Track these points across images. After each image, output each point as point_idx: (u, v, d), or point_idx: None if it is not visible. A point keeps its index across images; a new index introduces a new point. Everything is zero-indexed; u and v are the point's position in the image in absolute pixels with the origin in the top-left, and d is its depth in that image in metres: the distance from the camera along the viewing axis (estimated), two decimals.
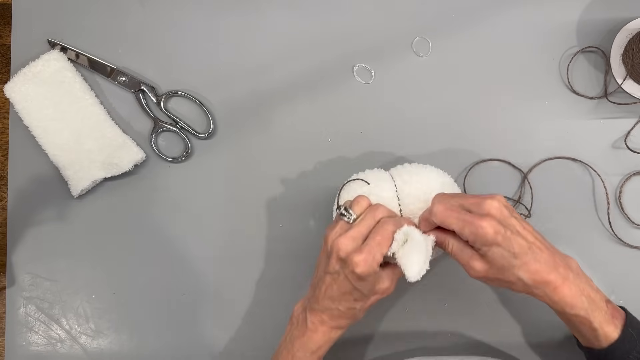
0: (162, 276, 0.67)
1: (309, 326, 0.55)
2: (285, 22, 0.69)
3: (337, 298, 0.53)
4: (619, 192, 0.66)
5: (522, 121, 0.67)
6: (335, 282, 0.52)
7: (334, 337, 0.56)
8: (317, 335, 0.55)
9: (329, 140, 0.68)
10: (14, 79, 0.67)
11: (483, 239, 0.48)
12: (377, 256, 0.50)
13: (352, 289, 0.52)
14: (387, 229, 0.51)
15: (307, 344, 0.55)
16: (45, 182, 0.68)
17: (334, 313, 0.54)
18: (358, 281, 0.51)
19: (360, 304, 0.54)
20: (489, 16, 0.68)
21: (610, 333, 0.51)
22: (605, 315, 0.51)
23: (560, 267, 0.50)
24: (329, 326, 0.55)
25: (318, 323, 0.55)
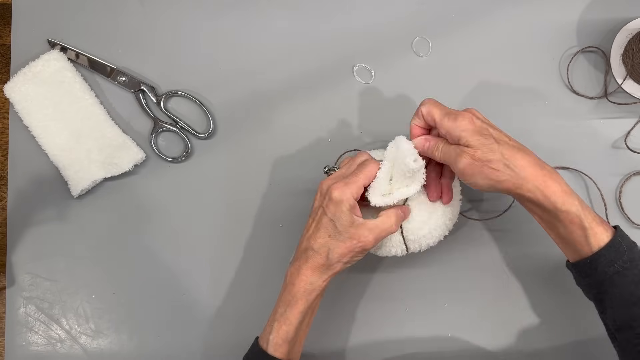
0: (162, 276, 0.67)
1: (288, 279, 0.55)
2: (285, 22, 0.69)
3: (313, 235, 0.54)
4: (619, 192, 0.66)
5: (522, 121, 0.67)
6: (314, 219, 0.55)
7: (311, 288, 0.54)
8: (294, 287, 0.54)
9: (329, 140, 0.68)
10: (14, 79, 0.67)
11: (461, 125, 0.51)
12: (351, 186, 0.52)
13: (327, 222, 0.53)
14: (368, 169, 0.54)
15: (285, 297, 0.55)
16: (45, 182, 0.68)
17: (309, 254, 0.54)
18: (334, 208, 0.52)
19: (334, 244, 0.53)
20: (489, 16, 0.68)
21: (600, 234, 0.50)
22: (596, 217, 0.51)
23: (546, 165, 0.52)
24: (304, 273, 0.54)
25: (295, 272, 0.55)
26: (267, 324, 0.56)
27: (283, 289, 0.56)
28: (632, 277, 0.49)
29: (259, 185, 0.68)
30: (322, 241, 0.53)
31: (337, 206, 0.52)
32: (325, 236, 0.53)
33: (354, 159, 0.56)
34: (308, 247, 0.54)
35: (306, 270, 0.54)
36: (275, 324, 0.54)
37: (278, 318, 0.54)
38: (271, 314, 0.56)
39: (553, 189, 0.50)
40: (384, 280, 0.66)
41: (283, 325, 0.54)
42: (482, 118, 0.53)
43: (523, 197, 0.51)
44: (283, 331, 0.54)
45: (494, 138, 0.51)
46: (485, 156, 0.50)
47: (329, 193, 0.53)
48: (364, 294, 0.66)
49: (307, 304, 0.54)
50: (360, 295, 0.66)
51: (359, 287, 0.66)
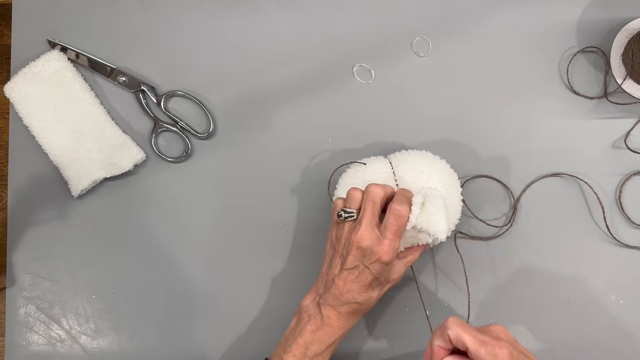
0: (162, 276, 0.67)
1: (326, 321, 0.55)
2: (285, 22, 0.69)
3: (357, 291, 0.54)
4: (619, 192, 0.66)
5: (522, 121, 0.67)
6: (355, 277, 0.54)
7: (349, 329, 0.56)
8: (334, 329, 0.55)
9: (329, 140, 0.68)
10: (14, 79, 0.67)
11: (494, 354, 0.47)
12: (396, 245, 0.52)
13: (372, 280, 0.53)
14: (400, 214, 0.53)
15: (322, 337, 0.55)
16: (45, 182, 0.68)
17: (353, 307, 0.55)
18: (382, 269, 0.52)
19: (377, 293, 0.55)
20: (489, 16, 0.68)
21: None
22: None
23: None
24: (347, 319, 0.55)
25: (335, 317, 0.55)
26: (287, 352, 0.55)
27: (316, 326, 0.55)
28: None
29: (259, 185, 0.68)
30: (367, 295, 0.55)
31: (385, 267, 0.53)
32: (370, 290, 0.54)
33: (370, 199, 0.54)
34: (352, 301, 0.54)
35: (349, 317, 0.55)
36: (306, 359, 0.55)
37: (311, 356, 0.54)
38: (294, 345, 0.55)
39: None
40: None
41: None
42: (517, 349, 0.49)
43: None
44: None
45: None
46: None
47: (377, 255, 0.52)
48: None
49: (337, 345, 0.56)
50: None
51: None
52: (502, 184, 0.66)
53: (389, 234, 0.53)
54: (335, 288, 0.55)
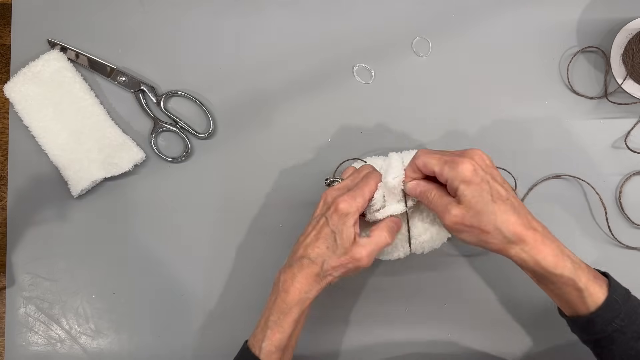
0: (162, 276, 0.67)
1: (281, 286, 0.54)
2: (285, 22, 0.69)
3: (311, 244, 0.53)
4: (619, 192, 0.66)
5: (522, 121, 0.67)
6: (314, 227, 0.54)
7: (306, 297, 0.53)
8: (288, 295, 0.53)
9: (329, 140, 0.68)
10: (13, 79, 0.67)
11: (462, 176, 0.49)
12: (358, 199, 0.53)
13: (328, 233, 0.53)
14: (371, 181, 0.54)
15: (279, 305, 0.54)
16: (45, 182, 0.68)
17: (304, 263, 0.53)
18: (337, 220, 0.52)
19: (330, 256, 0.53)
20: (489, 16, 0.68)
21: (595, 294, 0.49)
22: (589, 274, 0.49)
23: (538, 226, 0.50)
24: (300, 282, 0.53)
25: (290, 280, 0.53)
26: (257, 329, 0.55)
27: (275, 295, 0.55)
28: (630, 334, 0.48)
29: (258, 185, 0.68)
30: (319, 251, 0.53)
31: (341, 219, 0.52)
32: (323, 247, 0.53)
33: (359, 171, 0.56)
34: (304, 256, 0.53)
35: (301, 279, 0.53)
36: (268, 331, 0.54)
37: (271, 325, 0.54)
38: (262, 319, 0.55)
39: (544, 253, 0.49)
40: (383, 281, 0.66)
41: (277, 333, 0.53)
42: (485, 166, 0.51)
43: (512, 259, 0.50)
44: (276, 339, 0.53)
45: (491, 195, 0.49)
46: (475, 219, 0.49)
47: (335, 204, 0.53)
48: (363, 294, 0.66)
49: (300, 312, 0.54)
50: (360, 295, 0.66)
51: (359, 287, 0.66)
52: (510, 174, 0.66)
53: (356, 190, 0.53)
54: (296, 245, 0.55)
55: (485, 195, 0.49)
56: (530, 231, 0.49)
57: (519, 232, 0.49)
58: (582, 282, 0.49)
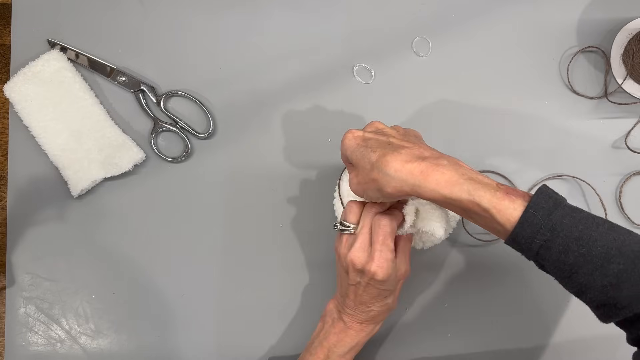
0: (162, 276, 0.67)
1: (349, 325, 0.57)
2: (285, 22, 0.69)
3: (369, 302, 0.55)
4: (619, 192, 0.66)
5: (522, 121, 0.67)
6: (362, 290, 0.54)
7: (372, 332, 0.58)
8: (356, 332, 0.57)
9: (329, 140, 0.68)
10: (13, 79, 0.67)
11: (343, 147, 0.51)
12: (387, 255, 0.52)
13: (379, 292, 0.54)
14: (382, 224, 0.52)
15: (345, 339, 0.56)
16: (45, 182, 0.68)
17: (370, 314, 0.56)
18: (382, 285, 0.53)
19: (392, 298, 0.56)
20: (489, 16, 0.68)
21: (507, 210, 0.44)
22: (497, 192, 0.44)
23: (430, 157, 0.47)
24: (367, 323, 0.57)
25: (356, 323, 0.57)
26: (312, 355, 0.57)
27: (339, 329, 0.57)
28: (556, 248, 0.43)
29: (258, 185, 0.68)
30: (381, 303, 0.55)
31: (386, 281, 0.52)
32: (382, 299, 0.55)
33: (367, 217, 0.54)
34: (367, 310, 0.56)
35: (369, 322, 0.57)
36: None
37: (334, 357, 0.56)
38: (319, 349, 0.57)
39: (433, 179, 0.45)
40: None
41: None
42: (374, 130, 0.52)
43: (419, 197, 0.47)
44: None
45: (370, 147, 0.49)
46: (363, 173, 0.49)
47: (370, 274, 0.52)
48: None
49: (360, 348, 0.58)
50: None
51: None
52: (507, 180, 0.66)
53: (377, 245, 0.52)
54: (348, 300, 0.56)
55: (363, 150, 0.49)
56: (415, 162, 0.46)
57: (400, 168, 0.46)
58: (486, 201, 0.44)
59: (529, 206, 0.44)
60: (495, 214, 0.44)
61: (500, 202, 0.44)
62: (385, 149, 0.48)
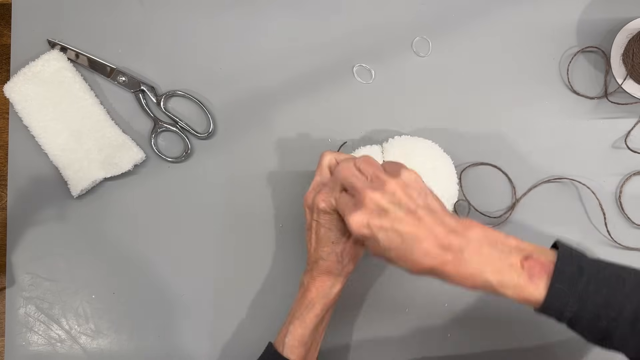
0: (162, 276, 0.67)
1: (306, 286, 0.57)
2: (285, 22, 0.69)
3: (317, 247, 0.55)
4: (619, 192, 0.66)
5: (522, 121, 0.67)
6: (313, 232, 0.55)
7: (329, 292, 0.56)
8: (310, 293, 0.56)
9: (329, 140, 0.68)
10: (13, 79, 0.67)
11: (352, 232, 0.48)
12: (335, 192, 0.53)
13: (325, 232, 0.54)
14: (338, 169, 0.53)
15: (301, 301, 0.56)
16: (45, 182, 0.68)
17: (320, 264, 0.56)
18: (325, 218, 0.54)
19: (339, 247, 0.55)
20: (489, 16, 0.68)
21: (533, 294, 0.45)
22: (520, 278, 0.45)
23: (450, 246, 0.46)
24: (320, 280, 0.56)
25: (310, 279, 0.56)
26: (282, 328, 0.57)
27: (300, 295, 0.57)
28: (588, 316, 0.45)
29: (258, 185, 0.68)
30: (328, 249, 0.55)
31: (327, 215, 0.54)
32: (328, 244, 0.55)
33: (320, 163, 0.57)
34: (318, 258, 0.56)
35: (321, 277, 0.56)
36: (291, 326, 0.55)
37: (294, 321, 0.55)
38: (287, 319, 0.57)
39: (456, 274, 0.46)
40: (383, 281, 0.66)
41: (299, 327, 0.55)
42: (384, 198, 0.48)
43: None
44: (299, 334, 0.55)
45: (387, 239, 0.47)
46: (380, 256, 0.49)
47: (316, 205, 0.54)
48: (363, 294, 0.66)
49: (324, 307, 0.56)
50: (360, 295, 0.66)
51: (358, 287, 0.66)
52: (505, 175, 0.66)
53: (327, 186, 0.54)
54: (308, 253, 0.57)
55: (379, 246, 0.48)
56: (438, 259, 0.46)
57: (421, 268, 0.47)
58: (511, 289, 0.45)
59: (554, 279, 0.44)
60: (521, 300, 0.46)
61: (524, 289, 0.45)
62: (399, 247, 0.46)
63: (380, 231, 0.47)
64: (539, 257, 0.46)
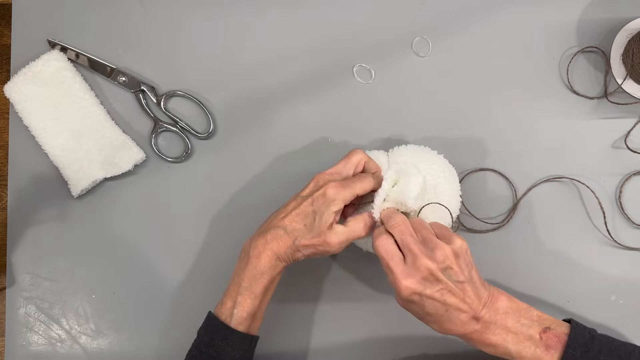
0: (162, 276, 0.67)
1: (252, 252, 0.55)
2: (285, 22, 0.69)
3: (290, 217, 0.54)
4: (619, 192, 0.66)
5: (522, 121, 0.67)
6: (299, 204, 0.54)
7: (276, 264, 0.54)
8: (260, 262, 0.54)
9: (329, 140, 0.68)
10: (14, 79, 0.67)
11: (399, 294, 0.51)
12: (347, 191, 0.53)
13: (309, 212, 0.54)
14: (366, 181, 0.55)
15: (251, 271, 0.54)
16: (45, 182, 0.68)
17: (279, 233, 0.54)
18: (322, 203, 0.53)
19: (304, 234, 0.54)
20: (489, 16, 0.68)
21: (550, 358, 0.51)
22: (537, 349, 0.51)
23: (481, 318, 0.51)
24: (271, 249, 0.54)
25: (261, 247, 0.54)
26: (225, 296, 0.55)
27: (245, 262, 0.55)
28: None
29: (259, 185, 0.68)
30: (296, 226, 0.54)
31: (326, 203, 0.53)
32: (300, 223, 0.54)
33: (349, 156, 0.57)
34: (280, 226, 0.54)
35: (273, 247, 0.54)
36: (239, 297, 0.54)
37: (242, 292, 0.54)
38: (230, 287, 0.55)
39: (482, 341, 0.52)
40: (383, 280, 0.66)
41: (248, 299, 0.54)
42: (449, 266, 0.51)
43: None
44: (248, 305, 0.54)
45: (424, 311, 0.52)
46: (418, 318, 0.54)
47: (324, 188, 0.53)
48: (363, 294, 0.66)
49: (271, 279, 0.55)
50: (360, 294, 0.66)
51: (358, 287, 0.66)
52: (506, 179, 0.66)
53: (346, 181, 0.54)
54: (274, 215, 0.56)
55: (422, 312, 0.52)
56: (469, 328, 0.51)
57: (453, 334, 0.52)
58: (529, 357, 0.51)
59: (568, 346, 0.50)
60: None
61: (544, 353, 0.51)
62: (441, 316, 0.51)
63: (428, 300, 0.50)
64: (556, 329, 0.52)
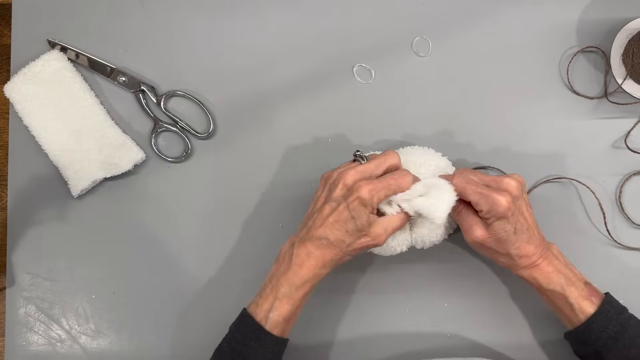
0: (162, 276, 0.67)
1: (295, 260, 0.55)
2: (285, 22, 0.69)
3: (330, 226, 0.53)
4: (619, 192, 0.66)
5: (522, 121, 0.67)
6: (333, 210, 0.54)
7: (319, 273, 0.55)
8: (302, 270, 0.54)
9: (329, 140, 0.68)
10: (13, 79, 0.67)
11: (496, 212, 0.53)
12: (381, 192, 0.53)
13: (347, 218, 0.53)
14: (405, 176, 0.55)
15: (291, 278, 0.54)
16: (45, 182, 0.68)
17: (323, 243, 0.54)
18: (359, 208, 0.52)
19: (350, 239, 0.54)
20: (489, 16, 0.68)
21: (586, 308, 0.54)
22: (582, 292, 0.55)
23: (544, 249, 0.56)
24: (316, 259, 0.54)
25: (304, 256, 0.54)
26: (261, 297, 0.55)
27: (285, 267, 0.55)
28: (623, 341, 0.53)
29: (259, 185, 0.68)
30: (339, 235, 0.54)
31: (362, 206, 0.53)
32: (342, 230, 0.53)
33: (384, 158, 0.56)
34: (323, 237, 0.54)
35: (318, 257, 0.54)
36: (277, 302, 0.54)
37: (281, 297, 0.54)
38: (268, 289, 0.55)
39: (540, 270, 0.56)
40: (383, 280, 0.66)
41: (286, 304, 0.54)
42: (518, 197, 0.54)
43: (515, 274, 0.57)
44: (286, 310, 0.54)
45: (515, 227, 0.54)
46: (495, 244, 0.55)
47: (357, 191, 0.52)
48: (363, 294, 0.66)
49: (312, 288, 0.56)
50: (360, 294, 0.66)
51: (359, 287, 0.66)
52: None
53: (378, 181, 0.53)
54: (311, 222, 0.55)
55: (510, 227, 0.54)
56: (537, 254, 0.55)
57: (524, 255, 0.55)
58: (573, 297, 0.55)
59: (606, 301, 0.55)
60: (576, 309, 0.55)
61: (583, 300, 0.55)
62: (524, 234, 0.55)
63: (519, 214, 0.54)
64: (595, 288, 0.56)
